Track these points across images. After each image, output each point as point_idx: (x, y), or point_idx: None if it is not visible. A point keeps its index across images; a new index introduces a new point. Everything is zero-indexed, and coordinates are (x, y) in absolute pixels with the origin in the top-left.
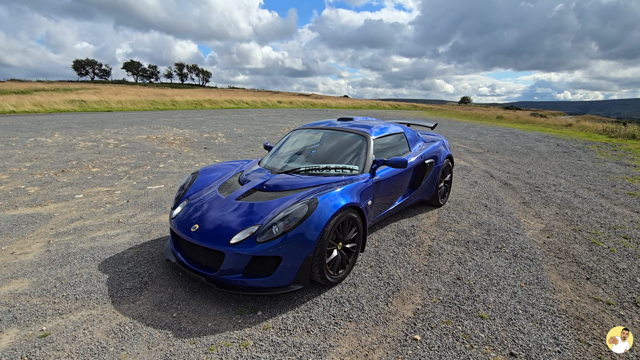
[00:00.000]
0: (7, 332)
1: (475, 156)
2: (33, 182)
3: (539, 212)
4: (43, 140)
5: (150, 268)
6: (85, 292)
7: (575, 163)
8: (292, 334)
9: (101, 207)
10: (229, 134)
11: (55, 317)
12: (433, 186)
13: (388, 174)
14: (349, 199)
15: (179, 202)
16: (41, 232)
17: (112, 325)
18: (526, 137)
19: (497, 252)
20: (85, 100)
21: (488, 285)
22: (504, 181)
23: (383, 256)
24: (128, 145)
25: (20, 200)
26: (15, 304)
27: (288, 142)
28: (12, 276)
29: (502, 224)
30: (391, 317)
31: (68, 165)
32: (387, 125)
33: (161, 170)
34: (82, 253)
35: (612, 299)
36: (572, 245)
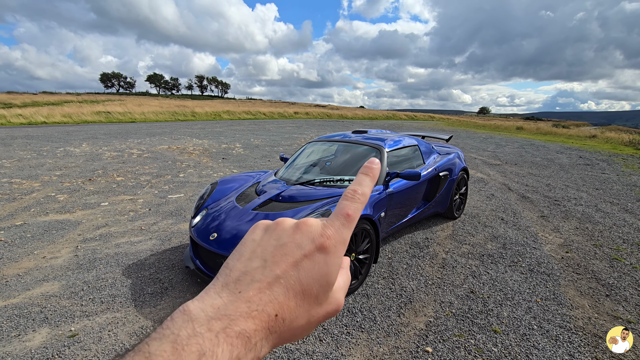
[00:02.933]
0: (40, 332)
1: (492, 168)
2: (62, 190)
3: (558, 226)
4: (72, 150)
5: (170, 274)
6: (110, 295)
7: (598, 176)
8: (305, 341)
9: (125, 215)
10: (246, 145)
11: (82, 318)
12: (448, 199)
13: (401, 187)
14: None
15: (199, 212)
16: (70, 237)
17: (135, 327)
18: (547, 149)
19: (512, 266)
20: (111, 112)
21: (502, 299)
22: (522, 194)
23: (396, 268)
24: (150, 155)
25: (50, 207)
26: (47, 305)
27: (303, 154)
28: (43, 279)
29: (518, 238)
30: (403, 328)
31: (94, 174)
32: (400, 138)
33: (181, 179)
34: (107, 258)
35: (632, 317)
36: (592, 261)
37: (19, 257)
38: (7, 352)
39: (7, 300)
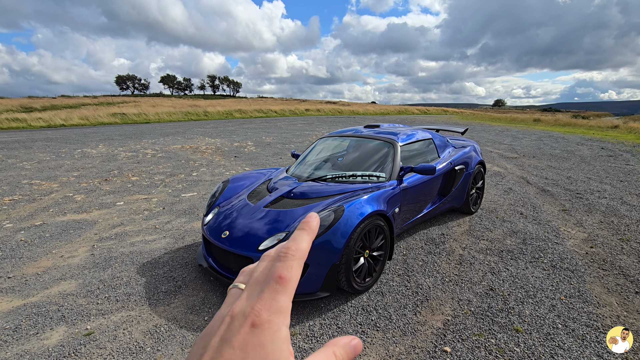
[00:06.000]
0: (57, 330)
1: (509, 161)
2: (80, 190)
3: (581, 220)
4: (89, 152)
5: (184, 272)
6: (125, 294)
7: (622, 168)
8: (319, 340)
9: (140, 214)
10: (258, 143)
11: (98, 317)
12: (464, 193)
13: (416, 181)
14: (375, 206)
15: (211, 210)
16: (86, 237)
17: (149, 326)
18: (566, 141)
19: (533, 262)
20: (126, 113)
21: (524, 297)
22: (541, 187)
23: (411, 265)
24: (164, 155)
25: (68, 207)
26: (64, 303)
27: (315, 150)
28: (61, 278)
29: (539, 233)
30: (420, 327)
31: (110, 174)
32: (414, 132)
33: (194, 178)
34: (122, 257)
35: None
36: (619, 257)
37: (38, 256)
38: (26, 350)
39: (27, 299)
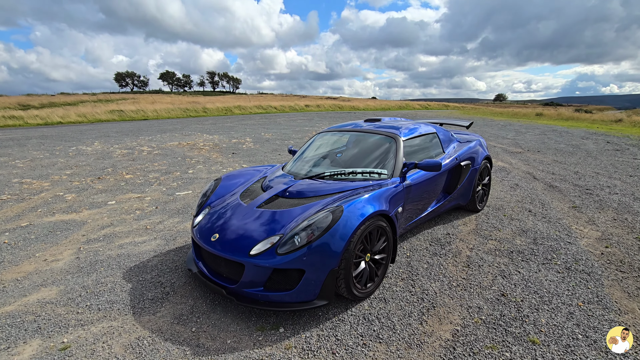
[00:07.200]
0: (30, 344)
1: (514, 156)
2: (71, 189)
3: (593, 217)
4: (84, 149)
5: (172, 277)
6: (108, 302)
7: (630, 162)
8: (316, 355)
9: (131, 214)
10: (256, 139)
11: (77, 328)
12: (470, 190)
13: (420, 178)
14: (377, 206)
15: (201, 210)
16: (73, 238)
17: (131, 339)
18: (571, 135)
19: (546, 264)
20: (124, 110)
21: (539, 303)
22: (548, 183)
23: (416, 268)
24: (160, 152)
25: (57, 207)
26: (42, 313)
27: (313, 146)
28: (42, 284)
29: (550, 232)
30: (427, 339)
31: (104, 172)
32: (417, 126)
33: (190, 176)
34: (109, 261)
35: None
36: (637, 257)
37: (20, 260)
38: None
39: (2, 308)
